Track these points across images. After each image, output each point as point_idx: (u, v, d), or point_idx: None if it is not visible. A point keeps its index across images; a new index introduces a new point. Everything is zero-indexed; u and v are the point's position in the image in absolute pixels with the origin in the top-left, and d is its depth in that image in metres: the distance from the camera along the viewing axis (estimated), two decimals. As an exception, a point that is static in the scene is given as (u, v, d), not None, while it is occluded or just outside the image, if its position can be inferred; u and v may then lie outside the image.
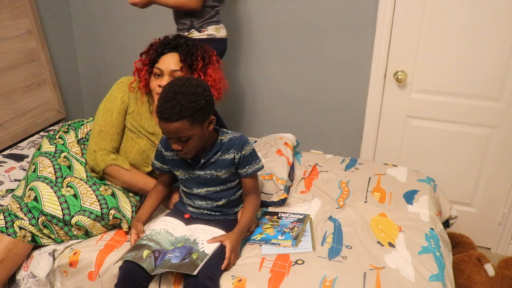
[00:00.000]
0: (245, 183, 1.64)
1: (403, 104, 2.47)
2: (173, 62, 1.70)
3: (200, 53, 1.75)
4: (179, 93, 1.42)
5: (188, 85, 1.44)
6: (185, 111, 1.41)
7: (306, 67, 2.58)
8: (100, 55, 3.05)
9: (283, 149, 2.15)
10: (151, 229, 1.56)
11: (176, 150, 1.50)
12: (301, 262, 1.52)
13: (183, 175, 1.63)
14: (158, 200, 1.74)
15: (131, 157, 1.80)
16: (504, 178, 2.42)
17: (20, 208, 1.58)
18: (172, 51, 1.72)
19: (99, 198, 1.65)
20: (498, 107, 2.31)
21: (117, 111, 1.77)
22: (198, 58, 1.74)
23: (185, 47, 1.73)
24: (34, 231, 1.57)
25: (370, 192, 1.98)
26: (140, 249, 1.45)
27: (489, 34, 2.18)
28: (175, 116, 1.40)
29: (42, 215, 1.57)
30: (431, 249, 1.61)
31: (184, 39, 1.76)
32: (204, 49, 1.78)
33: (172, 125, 1.42)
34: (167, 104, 1.41)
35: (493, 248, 2.58)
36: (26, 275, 1.59)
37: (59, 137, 1.89)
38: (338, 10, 2.40)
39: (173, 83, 1.46)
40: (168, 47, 1.73)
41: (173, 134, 1.45)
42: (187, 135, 1.45)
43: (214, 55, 1.82)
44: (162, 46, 1.73)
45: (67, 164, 1.76)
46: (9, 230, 1.54)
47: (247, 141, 1.60)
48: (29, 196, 1.61)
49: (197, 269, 1.37)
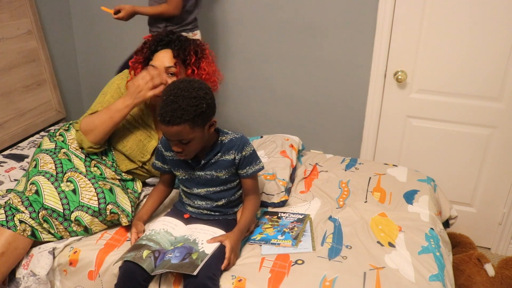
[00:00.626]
0: (245, 183, 1.64)
1: (403, 104, 2.47)
2: (167, 59, 1.72)
3: (192, 48, 1.76)
4: (181, 96, 1.41)
5: (190, 88, 1.43)
6: (186, 115, 1.40)
7: (306, 67, 2.58)
8: (100, 55, 3.05)
9: (288, 150, 2.15)
10: (151, 229, 1.56)
11: (176, 151, 1.50)
12: (301, 262, 1.52)
13: (183, 175, 1.63)
14: (159, 200, 1.74)
15: (127, 147, 1.82)
16: (504, 178, 2.42)
17: (21, 202, 1.59)
18: (165, 48, 1.74)
19: (98, 191, 1.66)
20: (498, 107, 2.31)
21: (110, 94, 1.82)
22: (191, 52, 1.75)
23: (177, 42, 1.74)
24: (34, 225, 1.57)
25: (370, 192, 1.98)
26: (140, 249, 1.45)
27: (489, 34, 2.18)
28: (176, 120, 1.40)
29: (43, 209, 1.58)
30: (431, 249, 1.61)
31: (176, 35, 1.78)
32: (196, 43, 1.80)
33: (173, 129, 1.41)
34: (168, 107, 1.40)
35: (493, 248, 2.58)
36: (26, 274, 1.59)
37: (60, 134, 1.90)
38: (338, 10, 2.40)
39: (174, 86, 1.44)
40: (161, 43, 1.75)
41: (174, 137, 1.44)
42: (188, 138, 1.45)
43: (207, 48, 1.83)
44: (155, 43, 1.75)
45: (67, 159, 1.77)
46: (9, 224, 1.55)
47: (248, 142, 1.60)
48: (30, 189, 1.62)
49: (197, 269, 1.37)
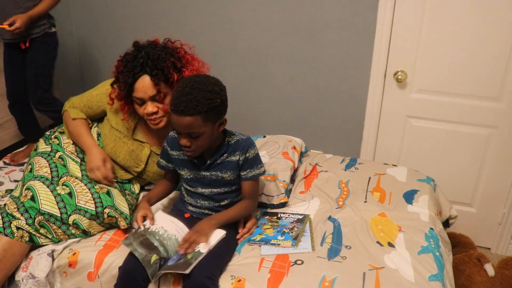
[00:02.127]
0: (243, 186, 1.63)
1: (403, 104, 2.46)
2: (148, 89, 1.61)
3: (170, 64, 1.62)
4: (197, 88, 1.42)
5: (206, 82, 1.46)
6: (200, 107, 1.41)
7: (306, 67, 2.58)
8: (100, 55, 3.05)
9: (290, 152, 2.15)
10: (164, 229, 1.54)
11: (184, 146, 1.49)
12: (301, 263, 1.52)
13: (188, 174, 1.63)
14: (166, 191, 1.75)
15: (120, 158, 1.80)
16: (504, 178, 2.42)
17: (17, 208, 1.58)
18: (141, 74, 1.61)
19: (95, 196, 1.65)
20: (498, 107, 2.30)
21: (98, 95, 1.81)
22: (170, 71, 1.62)
23: (152, 65, 1.60)
24: (31, 231, 1.57)
25: (370, 192, 1.98)
26: (151, 250, 1.44)
27: (489, 34, 2.18)
28: (190, 111, 1.41)
29: (40, 215, 1.57)
30: (430, 249, 1.61)
31: (145, 54, 1.61)
32: (171, 53, 1.65)
33: (186, 119, 1.42)
34: (184, 97, 1.41)
35: (493, 248, 2.58)
36: (25, 276, 1.59)
37: (55, 137, 1.89)
38: (338, 10, 2.40)
39: (191, 79, 1.47)
40: (135, 72, 1.60)
41: (185, 128, 1.44)
42: (199, 132, 1.45)
43: (181, 48, 1.71)
44: (129, 74, 1.61)
45: (62, 164, 1.77)
46: (6, 231, 1.54)
47: (253, 145, 1.61)
48: (26, 195, 1.61)
49: (189, 268, 1.37)
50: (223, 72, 2.73)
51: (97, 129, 1.89)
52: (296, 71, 2.61)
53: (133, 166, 1.82)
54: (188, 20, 2.70)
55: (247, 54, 2.67)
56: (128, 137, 1.80)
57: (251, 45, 2.64)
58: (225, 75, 2.71)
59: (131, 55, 1.64)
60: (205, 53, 1.90)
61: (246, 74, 2.72)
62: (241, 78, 2.74)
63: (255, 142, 2.28)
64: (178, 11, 2.70)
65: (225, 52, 2.69)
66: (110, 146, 1.80)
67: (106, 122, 1.83)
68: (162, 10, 2.71)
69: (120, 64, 1.67)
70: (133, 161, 1.81)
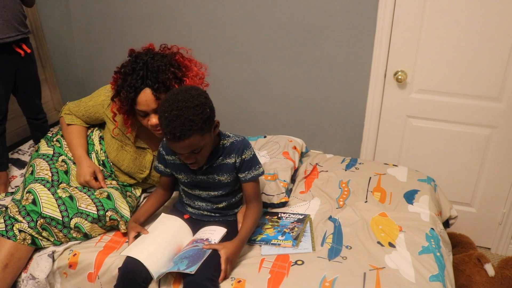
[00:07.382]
0: (244, 188, 1.62)
1: (403, 104, 2.46)
2: (151, 102, 1.57)
3: (171, 75, 1.58)
4: (184, 108, 1.36)
5: (190, 98, 1.38)
6: (195, 125, 1.37)
7: (306, 67, 2.58)
8: (100, 55, 3.04)
9: (290, 152, 2.15)
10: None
11: (190, 163, 1.48)
12: (301, 263, 1.51)
13: (185, 178, 1.62)
14: (157, 204, 1.72)
15: (124, 166, 1.79)
16: (504, 178, 2.42)
17: (19, 211, 1.58)
18: (143, 87, 1.56)
19: (95, 201, 1.65)
20: (498, 107, 2.30)
21: (93, 104, 1.83)
22: (171, 82, 1.58)
23: (152, 78, 1.55)
24: (34, 234, 1.57)
25: (371, 192, 1.98)
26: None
27: (489, 34, 2.18)
28: (187, 133, 1.36)
29: (41, 218, 1.57)
30: (431, 249, 1.61)
31: (143, 65, 1.56)
32: (171, 63, 1.60)
33: (185, 142, 1.38)
34: (175, 123, 1.35)
35: (493, 248, 2.58)
36: (25, 277, 1.59)
37: (57, 140, 1.88)
38: (338, 10, 2.39)
39: (172, 99, 1.37)
40: (137, 85, 1.56)
41: (186, 150, 1.41)
42: (200, 146, 1.43)
43: (179, 54, 1.67)
44: (130, 90, 1.56)
45: (64, 169, 1.76)
46: (9, 234, 1.54)
47: (248, 146, 1.58)
48: (27, 199, 1.60)
49: (195, 267, 1.37)
50: (223, 73, 2.75)
51: (99, 132, 1.89)
52: (296, 71, 2.61)
53: (138, 172, 1.82)
54: (188, 20, 2.69)
55: (247, 54, 2.66)
56: (130, 145, 1.79)
57: (251, 45, 2.64)
58: (225, 76, 2.73)
59: (129, 67, 1.58)
60: (205, 54, 1.89)
61: (246, 74, 2.72)
62: (241, 79, 2.74)
63: (255, 142, 2.30)
64: (178, 11, 2.69)
65: (225, 52, 2.69)
66: (113, 155, 1.80)
67: (107, 130, 1.82)
68: (162, 10, 2.71)
69: (118, 77, 1.60)
70: (137, 168, 1.81)
